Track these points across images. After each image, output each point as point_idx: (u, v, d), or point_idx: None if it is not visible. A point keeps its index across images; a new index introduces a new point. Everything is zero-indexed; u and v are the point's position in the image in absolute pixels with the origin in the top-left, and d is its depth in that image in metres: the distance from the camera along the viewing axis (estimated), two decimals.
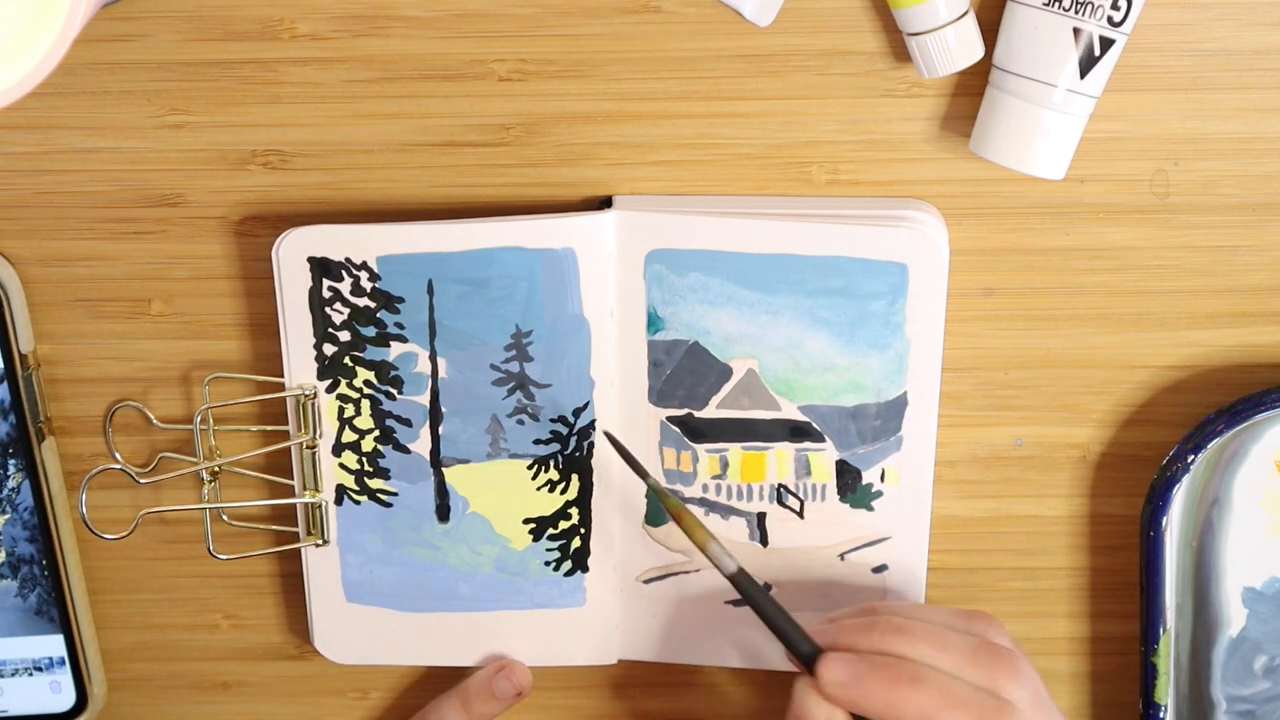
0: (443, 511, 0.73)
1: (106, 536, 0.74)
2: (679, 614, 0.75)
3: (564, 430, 0.72)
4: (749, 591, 0.67)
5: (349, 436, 0.73)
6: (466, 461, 0.73)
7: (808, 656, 0.66)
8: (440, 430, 0.72)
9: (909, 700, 0.63)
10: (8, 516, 0.75)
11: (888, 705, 0.63)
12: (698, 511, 0.73)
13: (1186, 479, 0.72)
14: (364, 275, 0.70)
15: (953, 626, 0.67)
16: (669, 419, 0.72)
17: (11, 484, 0.74)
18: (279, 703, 0.80)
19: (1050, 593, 0.76)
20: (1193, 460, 0.71)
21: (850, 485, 0.72)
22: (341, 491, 0.73)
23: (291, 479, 0.74)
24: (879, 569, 0.73)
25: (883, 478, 0.72)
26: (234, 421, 0.75)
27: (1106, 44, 0.65)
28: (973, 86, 0.69)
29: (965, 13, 0.66)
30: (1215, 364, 0.73)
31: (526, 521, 0.74)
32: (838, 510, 0.72)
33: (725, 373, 0.71)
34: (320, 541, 0.74)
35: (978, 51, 0.67)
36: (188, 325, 0.74)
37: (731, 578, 0.68)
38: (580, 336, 0.71)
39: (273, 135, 0.71)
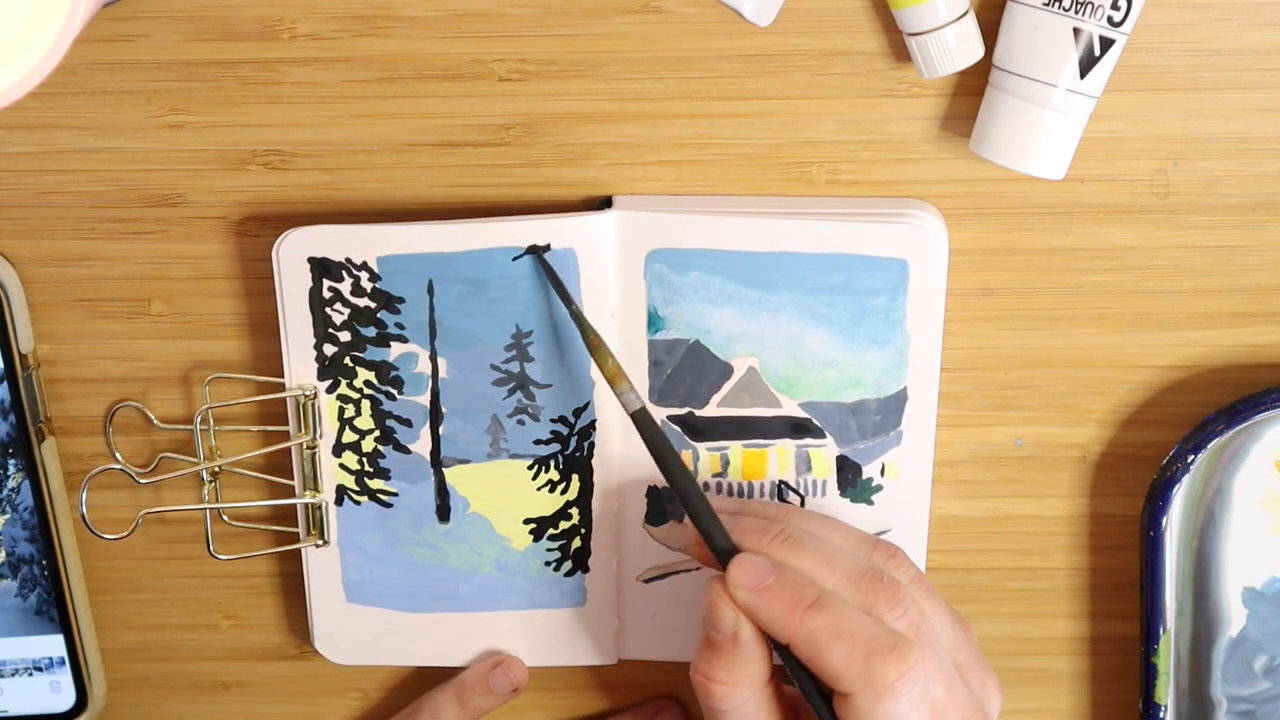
0: (443, 512, 0.73)
1: (106, 536, 0.74)
2: (679, 614, 0.75)
3: (564, 430, 0.72)
4: (658, 447, 0.68)
5: (349, 437, 0.73)
6: (467, 462, 0.73)
7: (722, 551, 0.66)
8: (440, 430, 0.72)
9: (804, 625, 0.64)
10: (8, 516, 0.75)
11: (783, 625, 0.64)
12: None
13: (1186, 479, 0.72)
14: (364, 275, 0.70)
15: (852, 550, 0.67)
16: (670, 418, 0.72)
17: (11, 484, 0.74)
18: (279, 703, 0.80)
19: (1050, 593, 0.76)
20: (1193, 460, 0.71)
21: (850, 480, 0.72)
22: (342, 492, 0.73)
23: (291, 479, 0.74)
24: None
25: (883, 472, 0.72)
26: (234, 421, 0.75)
27: (1106, 44, 0.65)
28: (973, 86, 0.69)
29: (965, 13, 0.66)
30: (1215, 364, 0.73)
31: (527, 522, 0.74)
32: (838, 505, 0.73)
33: (726, 371, 0.71)
34: (320, 542, 0.74)
35: (978, 51, 0.67)
36: (188, 325, 0.74)
37: (633, 415, 0.68)
38: (581, 337, 0.71)
39: (273, 135, 0.71)
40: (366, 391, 0.72)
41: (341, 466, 0.73)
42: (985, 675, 0.67)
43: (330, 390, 0.72)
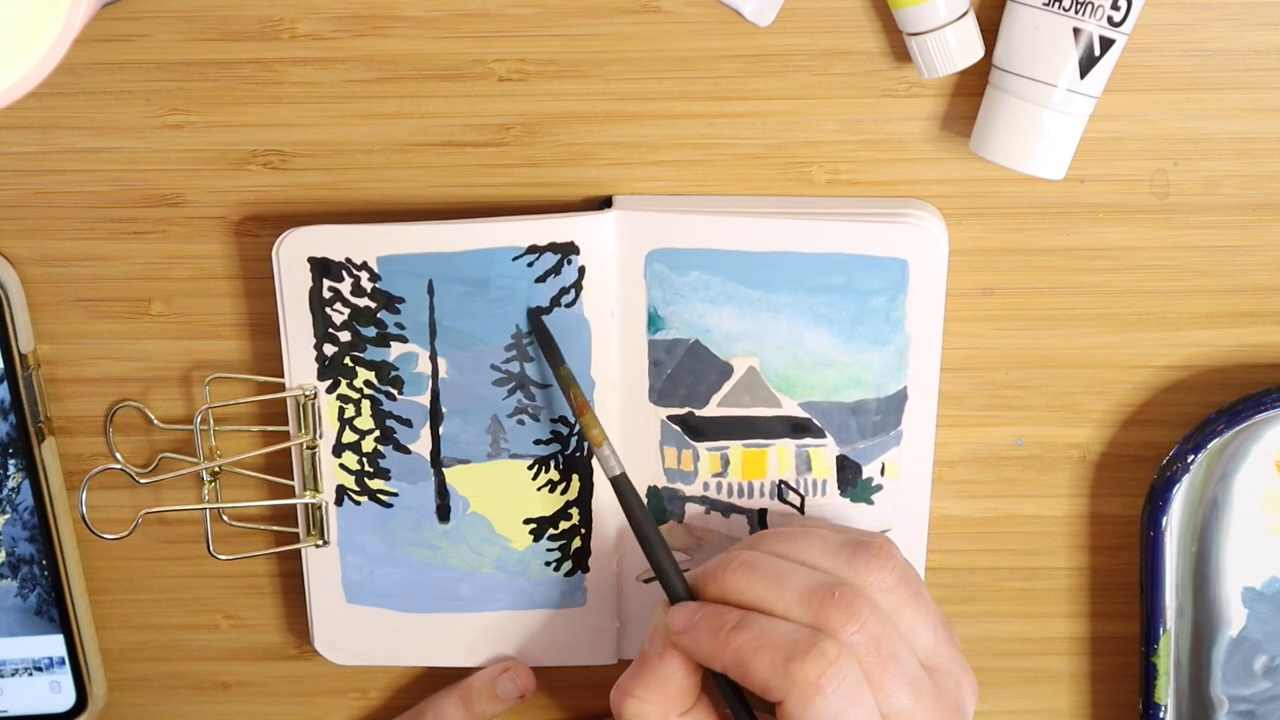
0: (443, 512, 0.73)
1: (106, 536, 0.74)
2: None
3: (564, 430, 0.72)
4: (630, 504, 0.69)
5: (349, 437, 0.73)
6: (467, 462, 0.73)
7: (674, 598, 0.68)
8: (440, 430, 0.72)
9: (728, 646, 0.64)
10: (8, 516, 0.75)
11: (712, 653, 0.65)
12: (698, 510, 0.73)
13: (1186, 479, 0.72)
14: (364, 275, 0.70)
15: (823, 563, 0.66)
16: (669, 418, 0.72)
17: (11, 484, 0.74)
18: (279, 703, 0.80)
19: (1050, 593, 0.76)
20: (1193, 460, 0.71)
21: (851, 480, 0.72)
22: (342, 492, 0.73)
23: (291, 479, 0.74)
24: None
25: (883, 471, 0.72)
26: (234, 422, 0.75)
27: (1106, 44, 0.65)
28: (973, 86, 0.69)
29: (965, 13, 0.66)
30: (1215, 364, 0.73)
31: (527, 522, 0.74)
32: (838, 505, 0.73)
33: (726, 371, 0.71)
34: (320, 542, 0.74)
35: (978, 51, 0.67)
36: (188, 325, 0.74)
37: (613, 480, 0.69)
38: (580, 336, 0.71)
39: (273, 135, 0.71)
40: (366, 391, 0.72)
41: (341, 466, 0.73)
42: (962, 676, 0.67)
43: (330, 390, 0.72)
